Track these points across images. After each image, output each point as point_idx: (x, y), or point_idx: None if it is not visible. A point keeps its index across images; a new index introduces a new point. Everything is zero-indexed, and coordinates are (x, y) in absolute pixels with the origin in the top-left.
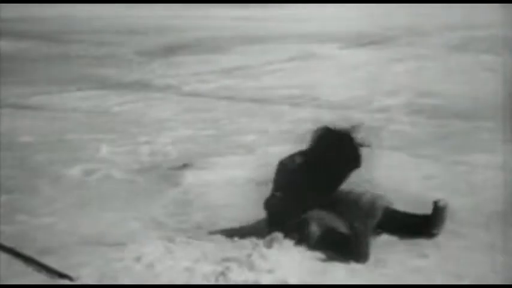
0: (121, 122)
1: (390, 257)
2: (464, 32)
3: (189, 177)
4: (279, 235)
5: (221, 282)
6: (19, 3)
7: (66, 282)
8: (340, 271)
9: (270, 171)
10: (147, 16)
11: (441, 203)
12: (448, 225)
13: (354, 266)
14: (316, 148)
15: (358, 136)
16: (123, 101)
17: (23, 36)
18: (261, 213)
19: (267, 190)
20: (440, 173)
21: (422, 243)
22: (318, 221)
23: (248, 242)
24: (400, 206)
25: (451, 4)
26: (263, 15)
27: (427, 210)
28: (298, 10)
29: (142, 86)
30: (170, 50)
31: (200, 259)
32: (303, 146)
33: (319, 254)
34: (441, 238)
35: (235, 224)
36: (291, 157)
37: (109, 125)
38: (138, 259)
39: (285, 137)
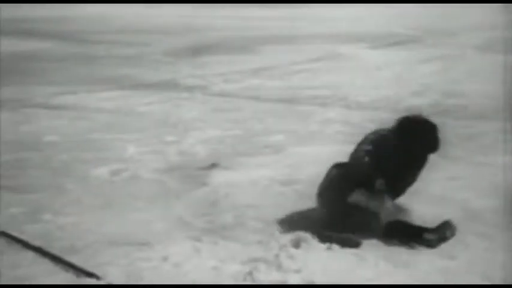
0: (148, 122)
1: (419, 258)
2: (491, 33)
3: (216, 177)
4: (305, 235)
5: (248, 282)
6: (45, 3)
7: (93, 281)
8: (368, 271)
9: (298, 171)
10: (174, 16)
11: (449, 222)
12: (476, 226)
13: (382, 266)
14: (399, 133)
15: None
16: (149, 101)
17: (49, 36)
18: (291, 213)
19: (294, 190)
20: (466, 174)
21: (451, 244)
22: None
23: (275, 242)
24: (424, 207)
25: (475, 4)
26: (290, 15)
27: (451, 210)
28: (325, 10)
29: (169, 86)
30: (197, 50)
31: (227, 259)
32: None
33: (346, 254)
34: (469, 239)
35: (261, 224)
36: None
37: (136, 125)
38: (165, 259)
39: (312, 138)
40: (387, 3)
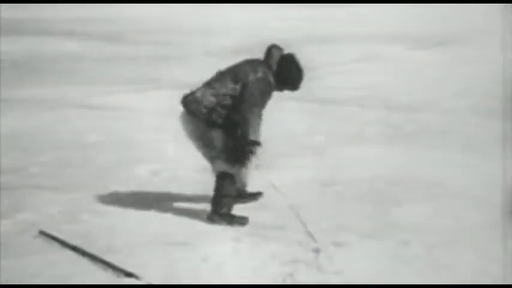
0: None
1: (459, 260)
2: None
3: (257, 178)
4: (346, 236)
5: (289, 282)
6: (86, 4)
7: (132, 280)
8: (408, 272)
9: (338, 172)
10: (214, 16)
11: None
12: None
13: (422, 268)
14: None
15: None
16: None
17: (90, 36)
18: (332, 214)
19: (335, 190)
20: (509, 177)
21: (493, 247)
22: None
23: (316, 244)
24: (468, 210)
25: None
26: (329, 15)
27: (495, 213)
28: (365, 10)
29: None
30: (237, 51)
31: (268, 260)
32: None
33: (386, 256)
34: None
35: (302, 225)
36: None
37: (176, 125)
38: (204, 259)
39: (353, 138)
40: (427, 4)
